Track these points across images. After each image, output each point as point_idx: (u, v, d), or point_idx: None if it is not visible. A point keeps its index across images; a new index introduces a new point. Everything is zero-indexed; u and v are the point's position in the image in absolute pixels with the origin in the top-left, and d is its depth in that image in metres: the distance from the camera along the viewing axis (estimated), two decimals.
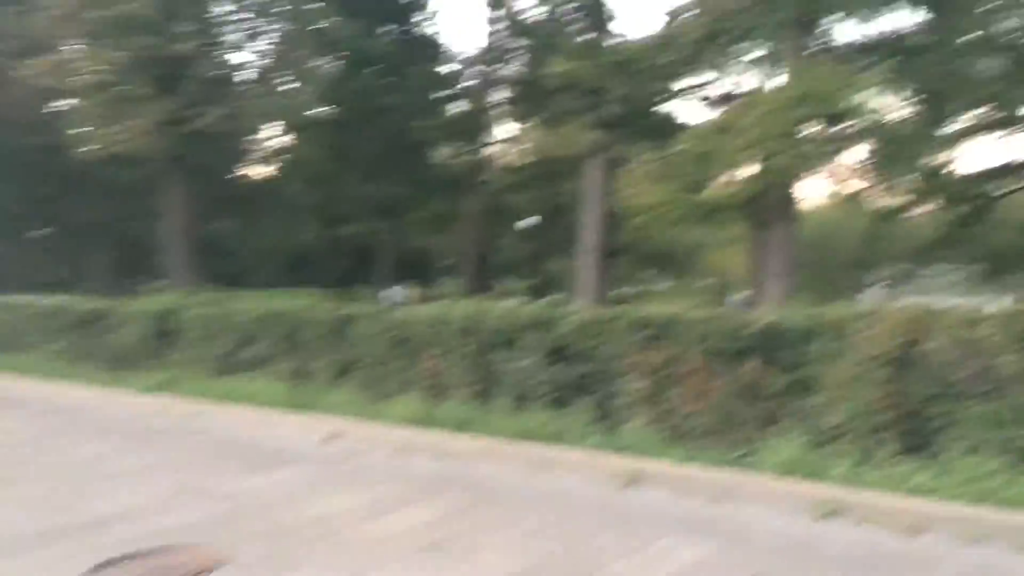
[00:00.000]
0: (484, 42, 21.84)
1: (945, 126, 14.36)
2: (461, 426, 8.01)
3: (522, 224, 31.89)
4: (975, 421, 5.66)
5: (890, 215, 26.76)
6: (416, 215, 28.08)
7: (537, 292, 39.32)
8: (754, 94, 11.52)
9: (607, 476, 6.56)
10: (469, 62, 21.57)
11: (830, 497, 5.49)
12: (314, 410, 9.22)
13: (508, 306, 8.67)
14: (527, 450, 7.20)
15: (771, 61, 11.33)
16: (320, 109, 25.61)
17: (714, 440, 6.94)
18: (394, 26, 26.61)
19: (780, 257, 11.43)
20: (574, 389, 7.91)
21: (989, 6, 13.69)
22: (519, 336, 8.30)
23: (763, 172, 10.21)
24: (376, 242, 28.61)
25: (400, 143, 24.73)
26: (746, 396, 6.87)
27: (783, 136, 9.45)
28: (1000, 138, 24.70)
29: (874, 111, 9.08)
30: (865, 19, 11.07)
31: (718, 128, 11.02)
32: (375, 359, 9.61)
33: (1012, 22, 14.24)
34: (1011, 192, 28.70)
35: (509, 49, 19.21)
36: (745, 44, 11.17)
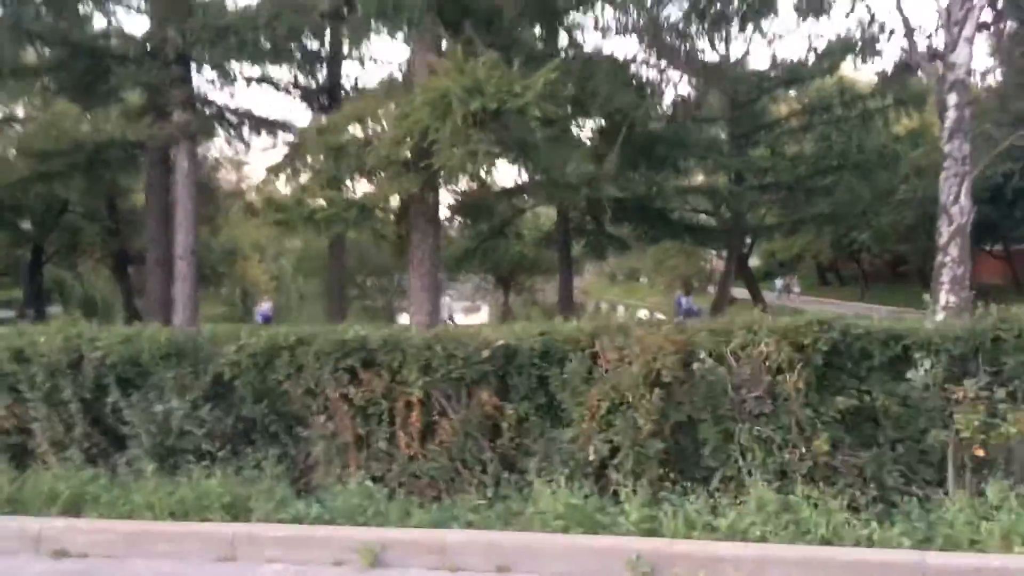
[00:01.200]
0: None
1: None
2: (74, 505, 5.58)
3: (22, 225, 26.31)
4: (751, 446, 5.26)
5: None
6: None
7: (30, 303, 33.25)
8: (406, 83, 10.35)
9: (339, 555, 4.91)
10: None
11: (639, 551, 4.61)
12: None
13: (129, 331, 6.34)
14: (204, 531, 5.17)
15: (416, 49, 10.29)
16: None
17: (448, 490, 5.69)
18: None
19: (426, 268, 10.37)
20: (245, 440, 6.01)
21: None
22: (153, 372, 6.10)
23: (419, 170, 9.12)
24: None
25: None
26: (483, 433, 5.75)
27: (447, 132, 8.47)
28: None
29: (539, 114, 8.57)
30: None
31: (353, 118, 9.64)
32: None
33: None
34: (526, 210, 31.88)
35: None
36: (383, 23, 9.90)
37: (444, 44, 9.99)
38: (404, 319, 45.14)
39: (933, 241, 12.62)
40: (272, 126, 15.75)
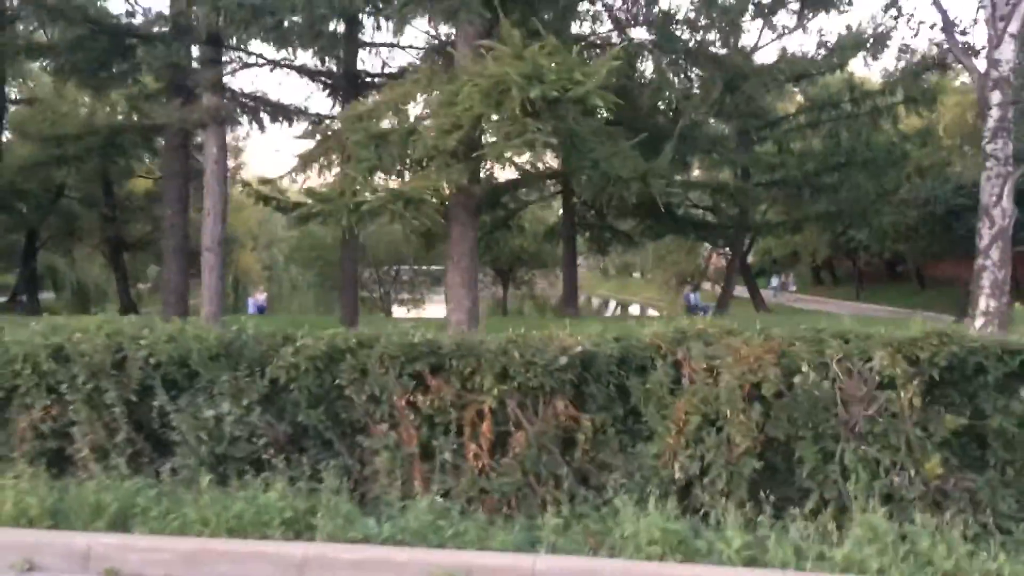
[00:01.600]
0: None
1: None
2: (123, 519, 5.17)
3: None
4: (855, 467, 4.91)
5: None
6: None
7: (23, 289, 32.55)
8: (451, 70, 9.88)
9: None
10: None
11: None
12: None
13: (173, 329, 5.93)
14: (271, 552, 4.78)
15: (461, 33, 9.85)
16: None
17: (519, 507, 5.32)
18: None
19: (466, 263, 9.93)
20: (297, 448, 5.62)
21: None
22: (202, 374, 5.69)
23: (468, 160, 8.69)
24: None
25: None
26: (558, 446, 5.38)
27: (504, 120, 8.04)
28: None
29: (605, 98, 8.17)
30: None
31: (393, 104, 9.19)
32: None
33: None
34: (530, 203, 31.46)
35: None
36: (432, 5, 9.41)
37: (480, 29, 9.58)
38: (399, 312, 44.65)
39: (933, 241, 12.35)
40: (288, 112, 15.31)
